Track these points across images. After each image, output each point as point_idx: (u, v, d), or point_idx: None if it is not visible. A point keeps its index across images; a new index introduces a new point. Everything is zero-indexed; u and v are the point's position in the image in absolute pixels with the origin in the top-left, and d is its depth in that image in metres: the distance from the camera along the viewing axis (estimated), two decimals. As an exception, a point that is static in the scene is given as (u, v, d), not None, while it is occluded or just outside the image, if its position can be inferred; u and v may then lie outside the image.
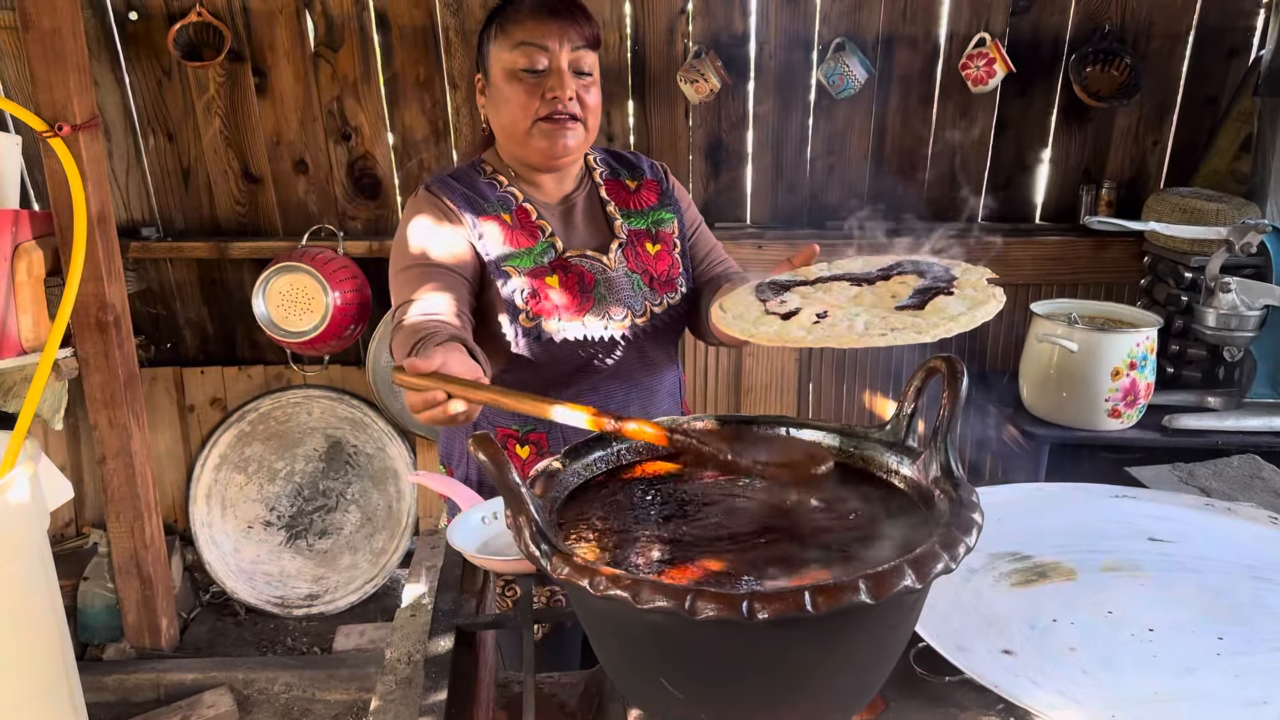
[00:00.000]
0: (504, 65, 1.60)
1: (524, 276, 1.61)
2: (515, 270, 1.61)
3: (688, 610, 0.76)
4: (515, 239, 1.63)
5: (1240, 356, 2.70)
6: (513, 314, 1.59)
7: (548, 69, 1.59)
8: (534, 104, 1.59)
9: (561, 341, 1.61)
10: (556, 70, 1.58)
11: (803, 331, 1.15)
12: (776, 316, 1.21)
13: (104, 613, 3.15)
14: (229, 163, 3.28)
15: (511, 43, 1.59)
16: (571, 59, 1.60)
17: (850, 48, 3.11)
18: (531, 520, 0.86)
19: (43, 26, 2.57)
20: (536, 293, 1.60)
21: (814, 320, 1.16)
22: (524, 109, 1.59)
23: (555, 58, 1.59)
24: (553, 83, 1.58)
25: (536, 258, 1.63)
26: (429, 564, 1.44)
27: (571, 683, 1.24)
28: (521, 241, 1.63)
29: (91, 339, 2.80)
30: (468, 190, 1.64)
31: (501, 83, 1.61)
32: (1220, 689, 1.05)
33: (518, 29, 1.58)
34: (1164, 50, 3.26)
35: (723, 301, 1.34)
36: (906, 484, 1.03)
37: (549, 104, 1.59)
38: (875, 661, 0.91)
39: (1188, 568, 1.32)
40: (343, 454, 3.52)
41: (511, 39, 1.59)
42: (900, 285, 1.23)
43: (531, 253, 1.63)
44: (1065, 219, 3.45)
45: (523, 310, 1.59)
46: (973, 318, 1.11)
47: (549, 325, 1.60)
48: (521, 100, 1.59)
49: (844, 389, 3.49)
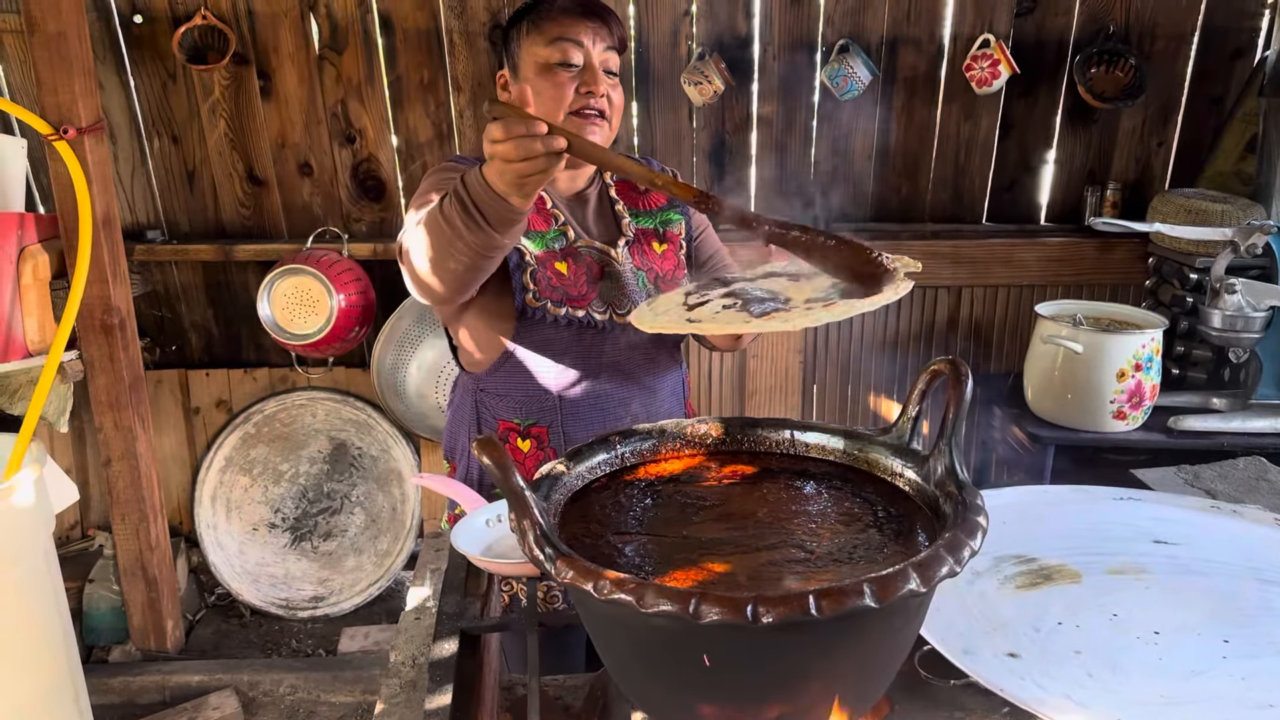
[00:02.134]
0: (538, 59, 1.62)
1: (534, 259, 1.63)
2: (527, 250, 1.63)
3: (692, 614, 0.76)
4: (530, 221, 1.65)
5: (1246, 358, 2.69)
6: (521, 290, 1.62)
7: (582, 65, 1.61)
8: (567, 97, 1.61)
9: (566, 323, 1.63)
10: (590, 66, 1.61)
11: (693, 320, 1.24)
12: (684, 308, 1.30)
13: (109, 615, 3.15)
14: (234, 165, 3.29)
15: (547, 38, 1.61)
16: (603, 58, 1.63)
17: (854, 49, 3.11)
18: (536, 524, 0.86)
19: (48, 30, 2.57)
20: (546, 274, 1.63)
21: (715, 312, 1.24)
22: (556, 102, 1.61)
23: (589, 54, 1.62)
24: (587, 78, 1.61)
25: (549, 242, 1.65)
26: (433, 567, 1.44)
27: (576, 685, 1.24)
28: (535, 224, 1.66)
29: (97, 342, 2.80)
30: None
31: (533, 76, 1.63)
32: (1227, 692, 1.05)
33: (553, 25, 1.61)
34: (1169, 51, 3.25)
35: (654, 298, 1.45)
36: (911, 487, 1.03)
37: (582, 98, 1.61)
38: (880, 665, 0.91)
39: (1194, 570, 1.31)
40: (347, 456, 3.52)
41: (546, 35, 1.61)
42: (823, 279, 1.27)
43: (544, 236, 1.65)
44: (1070, 220, 3.45)
45: (531, 290, 1.61)
46: (850, 306, 1.11)
47: (554, 307, 1.62)
48: (554, 93, 1.61)
49: (848, 391, 3.49)
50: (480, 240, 1.35)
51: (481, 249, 1.37)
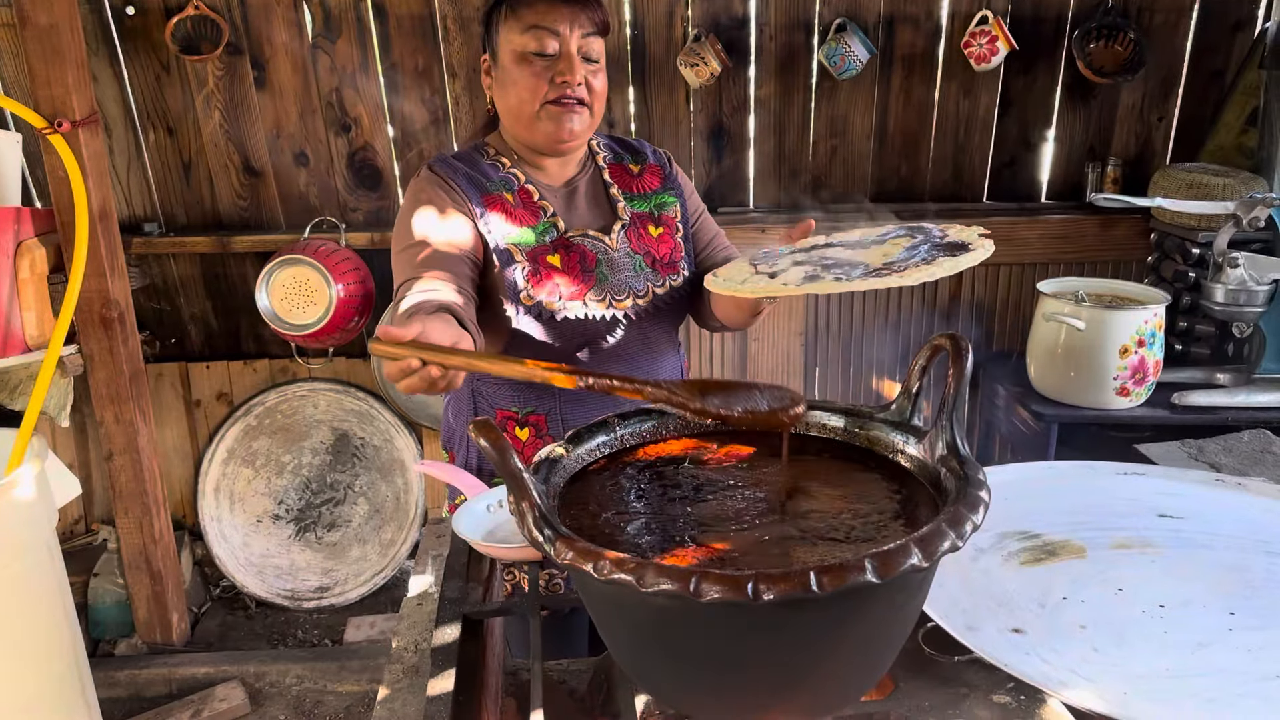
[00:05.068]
0: (513, 48, 1.60)
1: (525, 256, 1.61)
2: (517, 250, 1.61)
3: (693, 592, 0.75)
4: (517, 218, 1.63)
5: (1249, 332, 2.68)
6: (514, 294, 1.59)
7: (558, 53, 1.59)
8: (542, 87, 1.59)
9: (562, 320, 1.61)
10: (566, 55, 1.59)
11: (790, 284, 1.19)
12: (765, 275, 1.26)
13: (115, 608, 3.16)
14: (229, 156, 3.27)
15: (522, 25, 1.58)
16: (581, 45, 1.60)
17: (851, 28, 3.09)
18: (534, 505, 0.85)
19: (40, 23, 2.56)
20: (538, 271, 1.61)
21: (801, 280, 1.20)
22: (532, 92, 1.59)
23: (565, 42, 1.59)
24: (562, 67, 1.58)
25: (539, 236, 1.63)
26: (435, 553, 1.43)
27: (580, 669, 1.24)
28: (524, 220, 1.63)
29: (96, 335, 2.80)
30: (470, 170, 1.64)
31: (510, 65, 1.61)
32: (1233, 664, 1.05)
33: (529, 12, 1.58)
34: (1168, 24, 3.23)
35: (717, 270, 1.40)
36: (912, 463, 1.02)
37: (558, 88, 1.59)
38: (883, 641, 0.90)
39: (1198, 543, 1.31)
40: (350, 446, 3.52)
41: (523, 22, 1.58)
42: (893, 246, 1.24)
43: (534, 231, 1.63)
44: (1071, 197, 3.43)
45: (523, 290, 1.59)
46: (956, 263, 1.12)
47: (550, 303, 1.60)
48: (530, 83, 1.59)
49: (850, 373, 3.48)
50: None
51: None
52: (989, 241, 1.19)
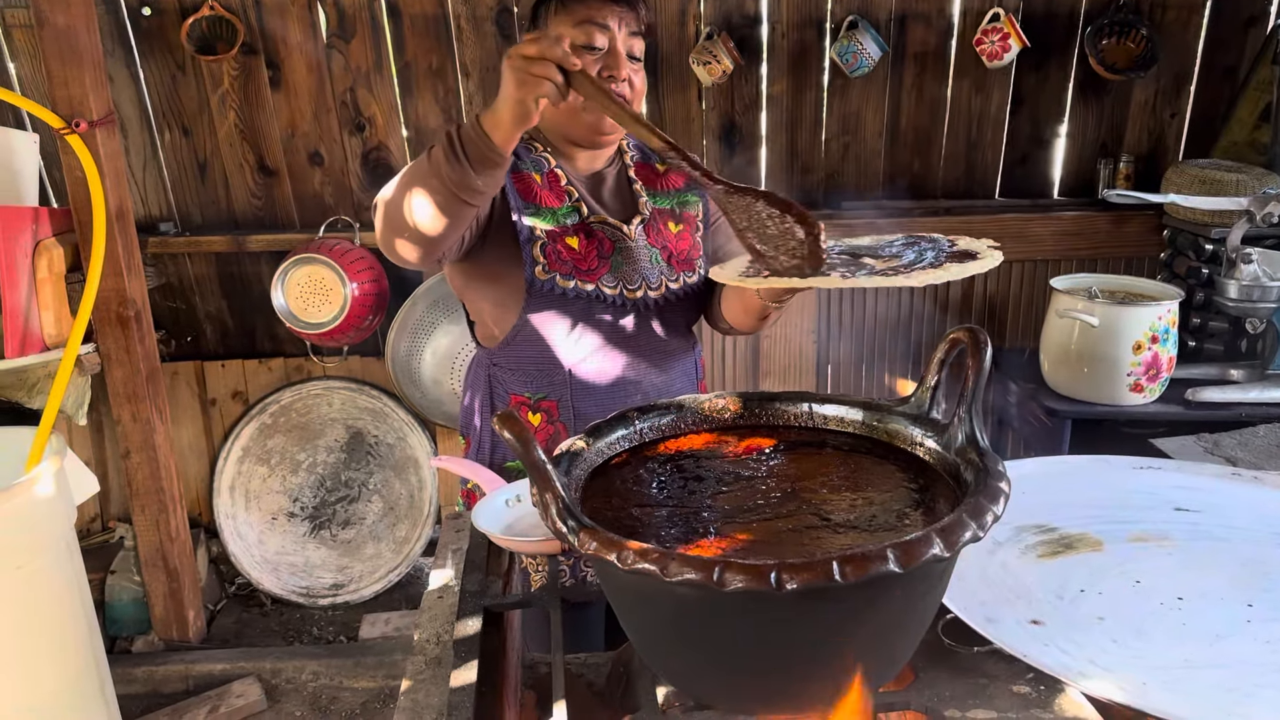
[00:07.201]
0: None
1: (546, 234, 1.64)
2: (537, 222, 1.64)
3: (716, 582, 0.76)
4: (543, 197, 1.66)
5: (1263, 328, 2.67)
6: (530, 267, 1.62)
7: (605, 48, 1.62)
8: None
9: (575, 297, 1.64)
10: (615, 51, 1.62)
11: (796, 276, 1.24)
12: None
13: (132, 606, 3.18)
14: (244, 156, 3.29)
15: (574, 20, 1.61)
16: (627, 43, 1.64)
17: (863, 25, 3.09)
18: (558, 496, 0.86)
19: (57, 23, 2.58)
20: (555, 245, 1.64)
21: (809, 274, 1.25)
22: None
23: (614, 38, 1.62)
24: (610, 61, 1.62)
25: (561, 218, 1.66)
26: (454, 547, 1.44)
27: (598, 662, 1.24)
28: (548, 200, 1.67)
29: (113, 334, 2.81)
30: None
31: None
32: (1251, 655, 1.05)
33: (581, 7, 1.61)
34: (1180, 21, 3.22)
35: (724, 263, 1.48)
36: (932, 456, 1.02)
37: (604, 82, 1.60)
38: (904, 632, 0.91)
39: (1215, 536, 1.31)
40: (364, 444, 3.54)
41: (574, 15, 1.61)
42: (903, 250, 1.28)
43: (556, 212, 1.66)
44: (1083, 194, 3.43)
45: (540, 263, 1.63)
46: (963, 269, 1.13)
47: (562, 280, 1.63)
48: None
49: (863, 370, 3.48)
50: (455, 176, 1.37)
51: (455, 186, 1.39)
52: (998, 252, 1.20)
